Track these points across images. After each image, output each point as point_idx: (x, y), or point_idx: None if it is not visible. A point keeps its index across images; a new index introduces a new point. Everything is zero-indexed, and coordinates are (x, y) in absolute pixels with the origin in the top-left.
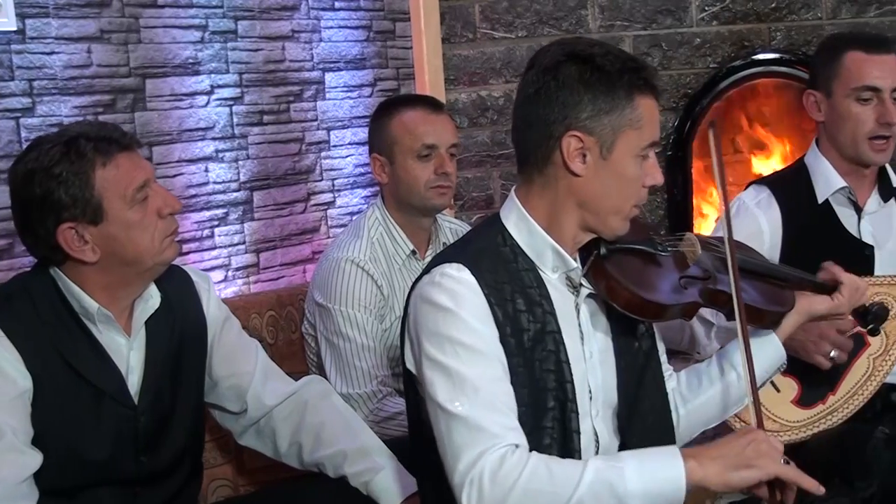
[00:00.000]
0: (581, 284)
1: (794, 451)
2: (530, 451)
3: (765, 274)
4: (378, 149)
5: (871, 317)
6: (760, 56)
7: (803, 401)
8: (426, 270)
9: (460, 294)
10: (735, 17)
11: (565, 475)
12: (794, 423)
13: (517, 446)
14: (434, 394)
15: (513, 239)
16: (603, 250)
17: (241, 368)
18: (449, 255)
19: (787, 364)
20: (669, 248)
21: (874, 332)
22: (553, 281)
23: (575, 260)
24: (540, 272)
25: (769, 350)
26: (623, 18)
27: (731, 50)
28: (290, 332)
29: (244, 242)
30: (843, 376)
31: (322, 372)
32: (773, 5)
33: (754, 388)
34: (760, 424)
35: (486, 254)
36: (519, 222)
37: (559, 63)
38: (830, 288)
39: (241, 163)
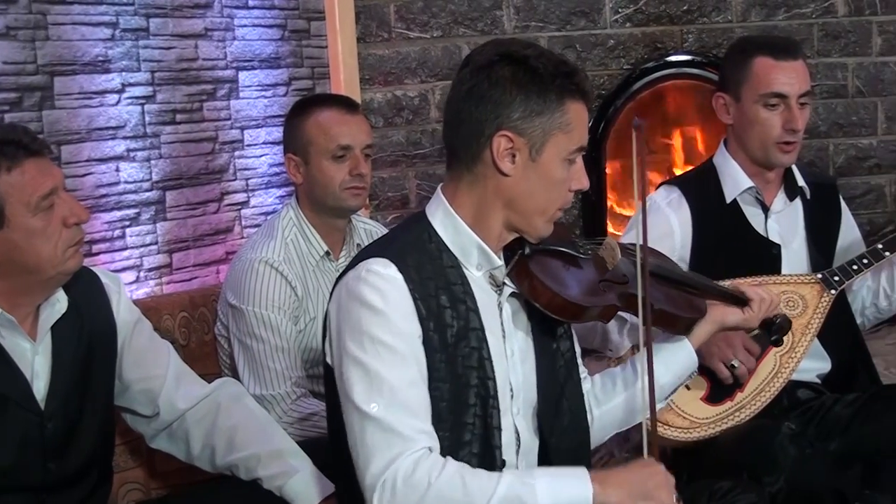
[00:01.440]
0: (504, 283)
1: (704, 448)
2: (452, 446)
3: (679, 281)
4: (293, 149)
5: (775, 328)
6: (673, 58)
7: (712, 398)
8: (351, 265)
9: (385, 291)
10: (648, 19)
11: (479, 487)
12: (703, 419)
13: (430, 450)
14: (350, 392)
15: (438, 236)
16: (527, 250)
17: (152, 372)
18: (375, 250)
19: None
20: (590, 252)
21: (777, 343)
22: (477, 279)
23: (499, 258)
24: (464, 270)
25: (682, 356)
26: (538, 19)
27: (644, 52)
28: (203, 334)
29: (156, 243)
30: (751, 374)
31: (235, 374)
32: (685, 8)
33: (653, 418)
34: (657, 458)
35: (412, 249)
36: (445, 219)
37: (493, 62)
38: (741, 300)
39: (153, 162)
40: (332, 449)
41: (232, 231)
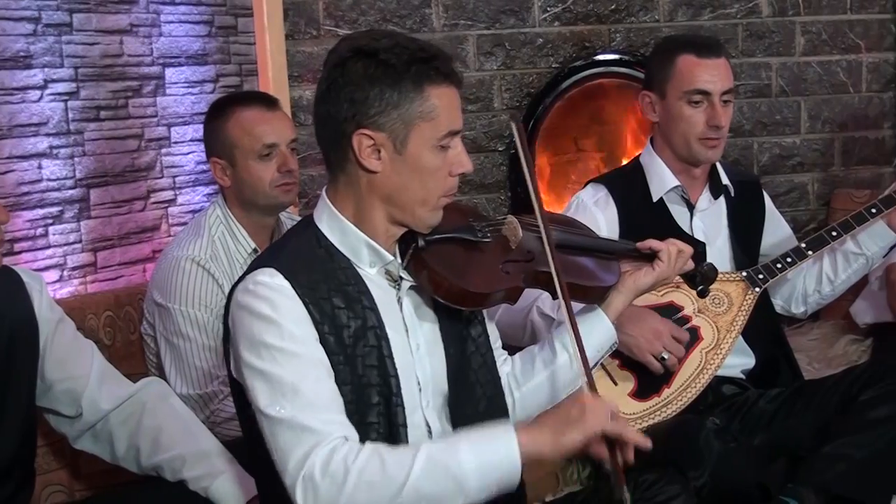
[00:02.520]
0: (401, 277)
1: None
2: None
3: (586, 248)
4: (217, 152)
5: (699, 278)
6: (601, 57)
7: (639, 394)
8: (241, 277)
9: (274, 300)
10: (576, 18)
11: (398, 461)
12: (630, 415)
13: (346, 439)
14: (256, 400)
15: (327, 239)
16: (421, 242)
17: (75, 371)
18: (262, 260)
19: (625, 358)
20: (490, 234)
21: (703, 294)
22: (372, 276)
23: (392, 254)
24: (358, 269)
25: (599, 329)
26: (467, 18)
27: (572, 50)
28: (128, 333)
29: (80, 241)
30: (677, 370)
31: (162, 373)
32: (613, 7)
33: (584, 357)
34: (592, 388)
35: (300, 255)
36: (331, 222)
37: (345, 59)
38: (650, 255)
39: (76, 159)
40: (248, 450)
41: (159, 229)
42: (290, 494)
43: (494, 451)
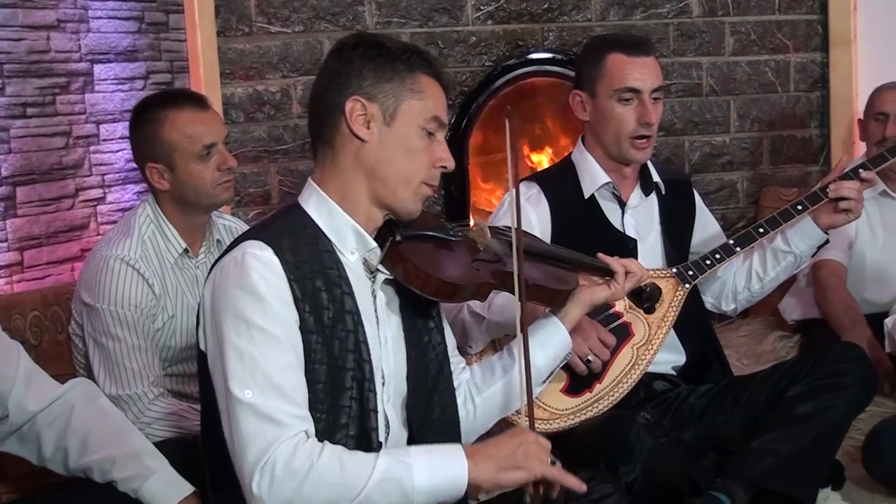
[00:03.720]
0: (378, 270)
1: (563, 438)
2: (328, 429)
3: (550, 257)
4: (153, 158)
5: (645, 296)
6: (534, 55)
7: (571, 389)
8: (228, 249)
9: (262, 273)
10: (509, 16)
11: (356, 470)
12: (563, 410)
13: (307, 434)
14: (226, 378)
15: (314, 222)
16: (398, 237)
17: (1, 373)
18: (251, 234)
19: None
20: (461, 234)
21: (650, 311)
22: (352, 265)
23: (373, 240)
24: (339, 255)
25: (557, 338)
26: (400, 15)
27: (505, 49)
28: (55, 333)
29: (6, 240)
30: (608, 365)
31: (90, 374)
32: (546, 6)
33: (529, 389)
34: (532, 427)
35: (288, 233)
36: (319, 205)
37: (345, 45)
38: (609, 271)
39: (2, 157)
40: (205, 439)
41: (87, 228)
42: (244, 482)
43: (445, 474)
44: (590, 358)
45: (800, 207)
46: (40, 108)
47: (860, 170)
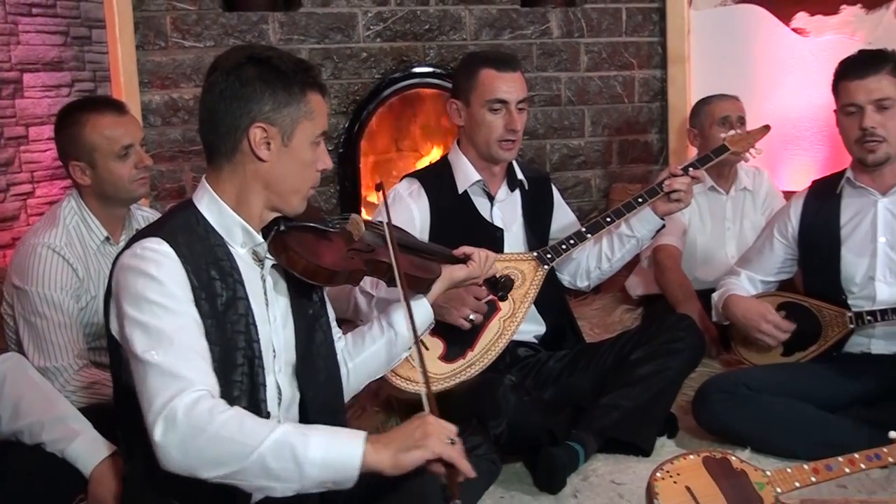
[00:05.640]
0: (266, 258)
1: (441, 399)
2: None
3: (417, 249)
4: (75, 156)
5: (500, 286)
6: (417, 69)
7: (447, 357)
8: (127, 246)
9: (160, 262)
10: (396, 35)
11: (255, 430)
12: (440, 375)
13: (210, 394)
14: (133, 347)
15: (205, 219)
16: (282, 227)
17: None
18: (147, 232)
19: (434, 326)
20: (338, 227)
21: (503, 299)
22: (242, 255)
23: (260, 237)
24: (230, 248)
25: (422, 311)
26: (299, 33)
27: (392, 64)
28: None
29: None
30: (479, 335)
31: (21, 349)
32: (427, 27)
33: (425, 374)
34: (433, 411)
35: (182, 230)
36: (210, 205)
37: (241, 65)
38: (466, 259)
39: None
40: (117, 412)
41: (18, 219)
42: (150, 430)
43: (339, 453)
44: (472, 317)
45: (640, 199)
46: None
47: (690, 168)
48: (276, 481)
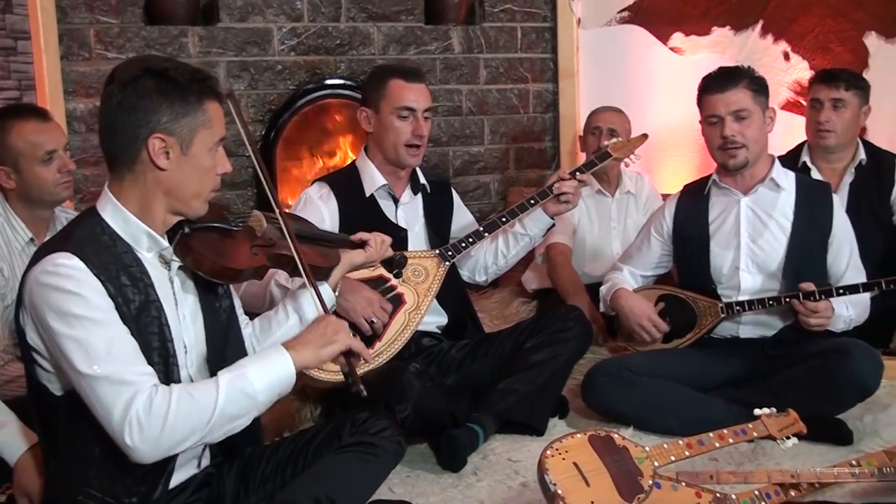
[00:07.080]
0: (172, 260)
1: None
2: None
3: (315, 238)
4: (0, 161)
5: (395, 264)
6: (329, 81)
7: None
8: (34, 261)
9: (75, 277)
10: (309, 49)
11: (204, 394)
12: None
13: (156, 386)
14: (73, 364)
15: (110, 228)
16: (187, 230)
17: None
18: (53, 246)
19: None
20: (240, 224)
21: (398, 276)
22: (149, 259)
23: (165, 241)
24: (137, 253)
25: (325, 296)
26: (218, 47)
27: (306, 76)
28: None
29: None
30: (386, 327)
31: None
32: (339, 42)
33: (319, 295)
34: (326, 312)
35: (88, 241)
36: (114, 213)
37: (137, 77)
38: (364, 244)
39: None
40: (34, 409)
41: None
42: (118, 440)
43: (276, 372)
44: (373, 320)
45: (532, 201)
46: None
47: (577, 172)
48: (238, 419)
